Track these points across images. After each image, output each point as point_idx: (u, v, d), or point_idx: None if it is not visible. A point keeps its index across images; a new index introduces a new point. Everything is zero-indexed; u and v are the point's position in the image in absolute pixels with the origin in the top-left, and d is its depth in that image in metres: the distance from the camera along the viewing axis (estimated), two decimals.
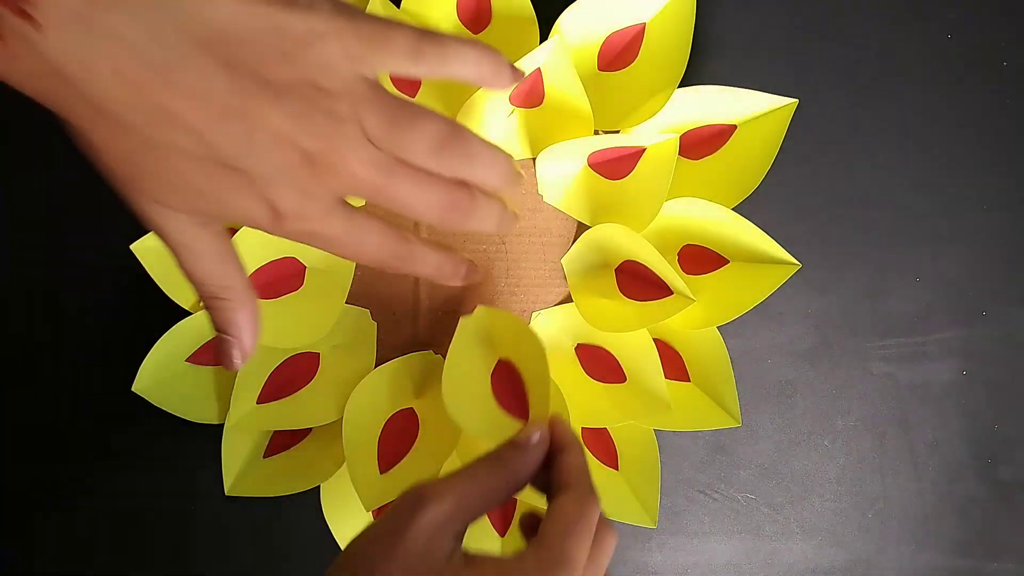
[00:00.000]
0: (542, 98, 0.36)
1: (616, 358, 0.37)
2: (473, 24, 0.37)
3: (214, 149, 0.23)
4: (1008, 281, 0.41)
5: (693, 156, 0.37)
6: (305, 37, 0.23)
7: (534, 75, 0.35)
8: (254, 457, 0.37)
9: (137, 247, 0.36)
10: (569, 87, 0.35)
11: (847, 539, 0.41)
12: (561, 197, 0.38)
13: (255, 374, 0.36)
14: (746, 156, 0.36)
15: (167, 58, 0.21)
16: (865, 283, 0.41)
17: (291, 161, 0.23)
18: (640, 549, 0.41)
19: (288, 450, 0.37)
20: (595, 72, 0.37)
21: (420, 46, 0.24)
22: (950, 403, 0.41)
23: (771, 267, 0.35)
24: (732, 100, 0.36)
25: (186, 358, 0.37)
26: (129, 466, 0.40)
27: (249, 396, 0.36)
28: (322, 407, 0.36)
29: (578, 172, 0.38)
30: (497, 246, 0.38)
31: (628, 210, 0.36)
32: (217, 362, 0.37)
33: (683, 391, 0.37)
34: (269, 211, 0.24)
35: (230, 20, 0.22)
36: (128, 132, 0.22)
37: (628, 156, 0.36)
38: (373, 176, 0.24)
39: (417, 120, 0.24)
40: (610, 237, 0.36)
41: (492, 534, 0.37)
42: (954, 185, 0.41)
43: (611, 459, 0.37)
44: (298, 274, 0.37)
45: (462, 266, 0.29)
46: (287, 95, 0.23)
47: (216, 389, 0.37)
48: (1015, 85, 0.41)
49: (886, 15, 0.41)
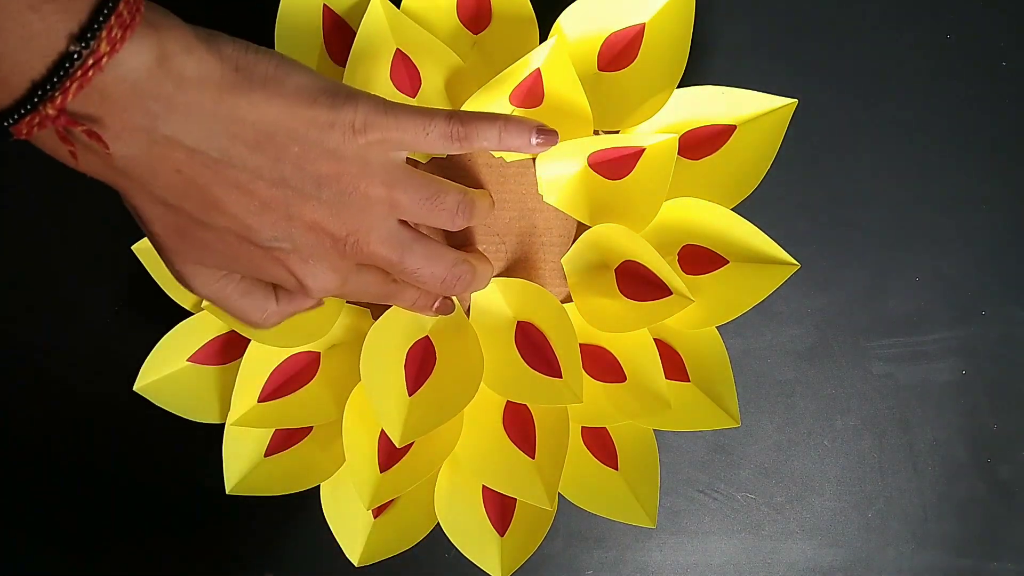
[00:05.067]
0: (542, 98, 0.36)
1: (616, 357, 0.37)
2: (473, 24, 0.37)
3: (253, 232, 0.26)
4: (1008, 281, 0.41)
5: (693, 156, 0.37)
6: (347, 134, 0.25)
7: (533, 75, 0.35)
8: (256, 456, 0.37)
9: (138, 248, 0.36)
10: (568, 87, 0.35)
11: (847, 539, 0.41)
12: (560, 197, 0.38)
13: (256, 373, 0.36)
14: (746, 156, 0.36)
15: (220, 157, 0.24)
16: (865, 283, 0.41)
17: (322, 244, 0.27)
18: (640, 549, 0.41)
19: (289, 449, 0.37)
20: (595, 72, 0.37)
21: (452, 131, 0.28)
22: (950, 403, 0.41)
23: (770, 267, 0.35)
24: (732, 100, 0.36)
25: (188, 358, 0.37)
26: (130, 466, 0.40)
27: (250, 395, 0.36)
28: (322, 406, 0.36)
29: (577, 172, 0.38)
30: (497, 246, 0.38)
31: (628, 210, 0.36)
32: (219, 361, 0.37)
33: (683, 391, 0.37)
34: (297, 283, 0.28)
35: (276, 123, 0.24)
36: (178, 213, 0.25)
37: (628, 156, 0.36)
38: (390, 253, 0.28)
39: (442, 195, 0.29)
40: (610, 237, 0.37)
41: (492, 535, 0.37)
42: (954, 185, 0.41)
43: (610, 459, 0.37)
44: None
45: (432, 300, 0.34)
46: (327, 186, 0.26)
47: (218, 389, 0.37)
48: (1015, 85, 0.41)
49: (886, 15, 0.41)
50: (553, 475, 0.35)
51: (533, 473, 0.35)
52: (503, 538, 0.37)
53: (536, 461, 0.36)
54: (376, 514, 0.37)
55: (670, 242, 0.37)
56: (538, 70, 0.34)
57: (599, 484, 0.37)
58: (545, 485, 0.35)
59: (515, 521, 0.37)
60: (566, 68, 0.34)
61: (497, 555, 0.36)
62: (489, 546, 0.37)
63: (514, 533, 0.37)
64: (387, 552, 0.37)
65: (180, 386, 0.36)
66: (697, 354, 0.37)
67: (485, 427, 0.37)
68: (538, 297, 0.36)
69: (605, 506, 0.37)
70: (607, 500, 0.37)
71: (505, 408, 0.37)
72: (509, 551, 0.36)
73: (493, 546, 0.37)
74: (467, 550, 0.36)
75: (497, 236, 0.38)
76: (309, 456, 0.37)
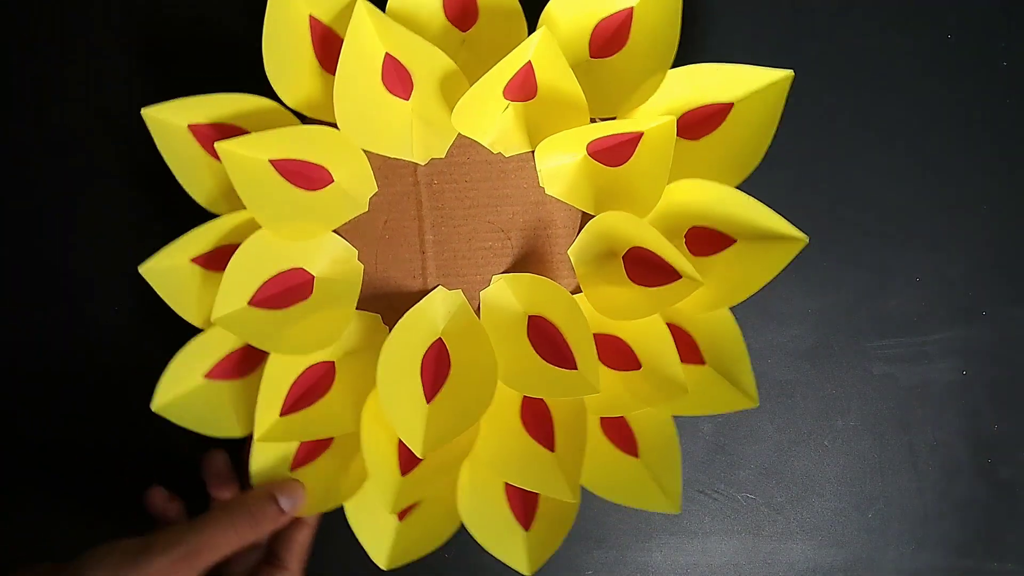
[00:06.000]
0: (535, 90, 0.36)
1: (630, 345, 0.36)
2: (460, 21, 0.37)
3: None
4: (1008, 281, 0.41)
5: (692, 137, 0.37)
6: None
7: (525, 68, 0.34)
8: (282, 470, 0.36)
9: (145, 269, 0.34)
10: (561, 77, 0.34)
11: (847, 539, 0.41)
12: (562, 188, 0.38)
13: (276, 386, 0.36)
14: (745, 133, 0.36)
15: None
16: (865, 283, 0.41)
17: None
18: (640, 549, 0.41)
19: (314, 461, 0.37)
20: (587, 59, 0.37)
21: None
22: (950, 403, 0.41)
23: (779, 243, 0.34)
24: (727, 77, 0.35)
25: (204, 374, 0.36)
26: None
27: (273, 409, 0.35)
28: (342, 415, 0.36)
29: (577, 161, 0.37)
30: (503, 242, 0.38)
31: (631, 196, 0.36)
32: (236, 376, 0.37)
33: (699, 374, 0.36)
34: None
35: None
36: None
37: (626, 142, 0.36)
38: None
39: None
40: (615, 225, 0.36)
41: (517, 530, 0.36)
42: (954, 185, 0.41)
43: (630, 447, 0.37)
44: (307, 283, 0.37)
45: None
46: None
47: (235, 404, 0.36)
48: (1015, 85, 0.41)
49: (886, 15, 0.41)
50: (574, 467, 0.34)
51: (554, 467, 0.35)
52: (528, 532, 0.36)
53: (556, 454, 0.35)
54: (400, 517, 0.37)
55: (676, 225, 0.37)
56: (529, 63, 0.34)
57: (620, 473, 0.36)
58: (567, 478, 0.34)
59: (539, 515, 0.36)
60: (557, 58, 0.34)
61: (524, 550, 0.36)
62: (515, 542, 0.36)
63: (539, 527, 0.36)
64: (415, 554, 0.36)
65: (199, 404, 0.36)
66: (711, 336, 0.37)
67: (503, 423, 0.36)
68: (548, 290, 0.36)
69: (628, 495, 0.36)
70: (629, 489, 0.36)
71: (522, 403, 0.37)
72: (535, 545, 0.36)
73: (519, 542, 0.36)
74: (492, 548, 0.36)
75: (502, 232, 0.38)
76: (334, 470, 0.36)
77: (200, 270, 0.36)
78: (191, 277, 0.35)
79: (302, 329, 0.35)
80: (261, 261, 0.35)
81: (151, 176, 0.37)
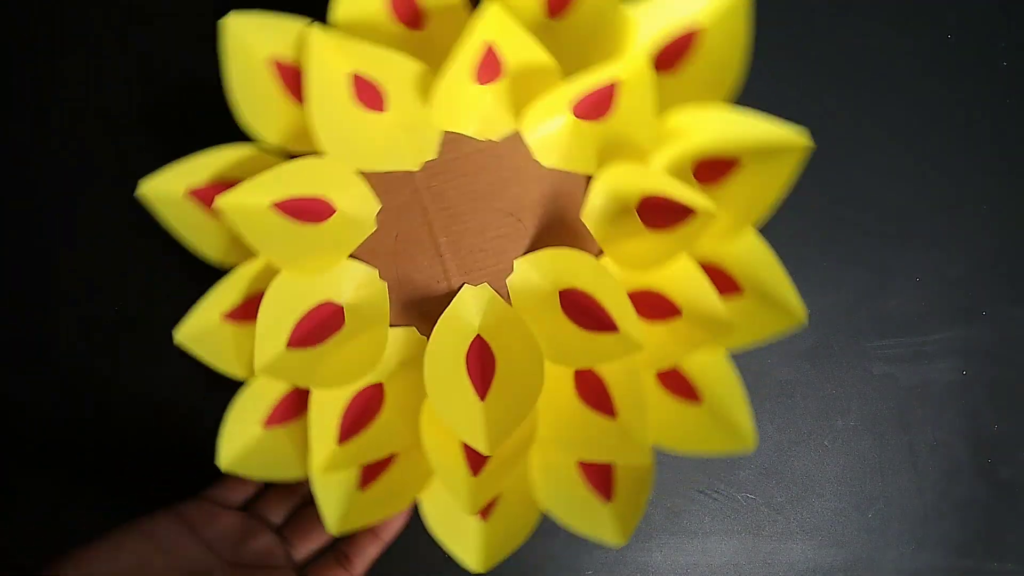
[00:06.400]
0: (503, 67, 0.35)
1: (665, 295, 0.36)
2: (411, 22, 0.36)
3: None
4: (1008, 281, 0.41)
5: (668, 68, 0.36)
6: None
7: (486, 48, 0.33)
8: (351, 492, 0.36)
9: (181, 336, 0.34)
10: (522, 46, 0.33)
11: (847, 539, 0.41)
12: (558, 156, 0.37)
13: (326, 418, 0.35)
14: (722, 52, 0.35)
15: None
16: (865, 283, 0.41)
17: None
18: (640, 549, 0.41)
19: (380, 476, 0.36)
20: (545, 20, 0.36)
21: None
22: (950, 403, 0.41)
23: (784, 154, 0.34)
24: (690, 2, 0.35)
25: (261, 423, 0.36)
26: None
27: (328, 440, 0.35)
28: (400, 431, 0.36)
29: (565, 125, 0.37)
30: (515, 225, 0.37)
31: (627, 144, 0.35)
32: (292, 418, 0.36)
33: (740, 305, 0.36)
34: None
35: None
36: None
37: (607, 92, 0.35)
38: None
39: None
40: (619, 178, 0.36)
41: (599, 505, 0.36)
42: (954, 185, 0.41)
43: (691, 394, 0.36)
44: (337, 313, 0.37)
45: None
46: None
47: (295, 446, 0.36)
48: (1015, 85, 0.41)
49: (886, 15, 0.41)
50: (640, 429, 0.34)
51: (619, 433, 0.34)
52: (611, 504, 0.36)
53: (619, 421, 0.35)
54: (483, 517, 0.36)
55: (681, 162, 0.36)
56: (486, 42, 0.33)
57: (688, 423, 0.36)
58: (634, 442, 0.34)
59: (618, 485, 0.36)
60: (512, 28, 0.33)
61: (611, 523, 0.35)
62: (600, 517, 0.35)
63: (620, 496, 0.35)
64: (506, 550, 0.35)
65: (264, 453, 0.35)
66: (744, 264, 0.36)
67: (561, 402, 0.36)
68: (571, 260, 0.36)
69: (700, 442, 0.35)
70: (700, 436, 0.35)
71: (575, 378, 0.37)
72: (621, 515, 0.35)
73: (605, 515, 0.35)
74: (579, 527, 0.35)
75: (511, 215, 0.37)
76: (400, 479, 0.36)
77: (233, 326, 0.35)
78: (226, 334, 0.35)
79: (342, 359, 0.35)
80: (289, 303, 0.35)
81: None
